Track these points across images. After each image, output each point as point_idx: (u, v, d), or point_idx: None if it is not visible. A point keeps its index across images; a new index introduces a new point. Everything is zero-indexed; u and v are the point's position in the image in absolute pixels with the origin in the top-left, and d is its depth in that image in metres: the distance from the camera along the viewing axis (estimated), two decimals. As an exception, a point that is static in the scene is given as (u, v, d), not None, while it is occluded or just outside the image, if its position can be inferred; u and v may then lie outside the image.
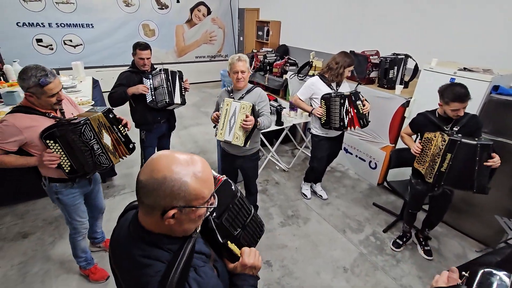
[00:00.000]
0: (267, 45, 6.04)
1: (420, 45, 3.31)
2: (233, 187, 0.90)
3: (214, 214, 0.84)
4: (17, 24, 5.21)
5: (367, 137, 3.29)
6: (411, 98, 2.81)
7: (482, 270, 0.71)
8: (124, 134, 1.79)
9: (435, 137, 1.93)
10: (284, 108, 3.49)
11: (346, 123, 2.49)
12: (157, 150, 2.98)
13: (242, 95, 2.16)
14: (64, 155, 1.54)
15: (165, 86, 2.45)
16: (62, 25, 5.61)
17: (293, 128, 3.94)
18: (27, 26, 5.31)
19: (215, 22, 7.29)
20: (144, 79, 2.45)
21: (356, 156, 3.52)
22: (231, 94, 2.18)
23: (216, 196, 0.75)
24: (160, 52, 6.76)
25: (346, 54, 2.49)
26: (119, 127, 1.76)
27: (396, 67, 2.98)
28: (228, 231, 0.87)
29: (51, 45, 5.65)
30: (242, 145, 1.99)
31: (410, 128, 2.24)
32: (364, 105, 2.51)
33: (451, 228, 2.73)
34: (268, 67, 4.62)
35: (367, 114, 2.55)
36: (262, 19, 6.32)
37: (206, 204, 0.70)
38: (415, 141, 2.23)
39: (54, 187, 1.67)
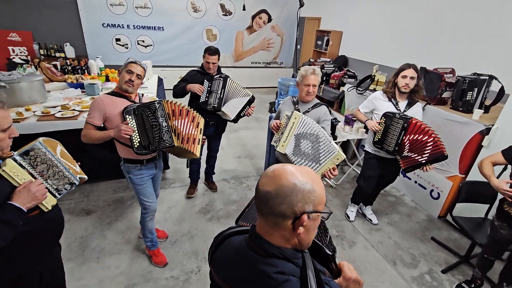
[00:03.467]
0: (325, 55, 5.90)
1: (509, 66, 2.89)
2: (331, 212, 0.87)
3: None
4: (102, 24, 5.94)
5: (431, 163, 2.96)
6: (492, 125, 2.46)
7: None
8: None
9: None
10: (339, 122, 3.34)
11: (404, 152, 2.24)
12: (207, 149, 3.09)
13: (308, 109, 2.11)
14: (136, 131, 1.75)
15: (218, 92, 2.54)
16: (138, 27, 6.24)
17: (345, 143, 3.75)
18: (110, 27, 6.02)
19: (274, 29, 7.40)
20: (205, 80, 2.58)
21: (416, 182, 3.20)
22: (297, 105, 2.14)
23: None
24: (219, 56, 7.08)
25: (406, 63, 2.32)
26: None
27: (476, 89, 2.64)
28: (324, 251, 0.85)
29: (127, 44, 6.31)
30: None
31: (503, 156, 1.84)
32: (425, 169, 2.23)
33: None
34: (324, 77, 4.50)
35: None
36: (323, 28, 6.21)
37: (326, 209, 0.72)
38: (500, 174, 1.91)
39: (127, 167, 1.92)
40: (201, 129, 1.97)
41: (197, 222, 2.72)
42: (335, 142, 3.21)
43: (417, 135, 2.18)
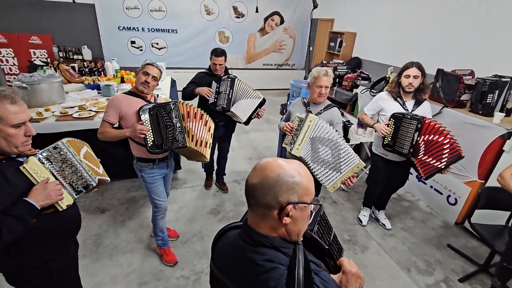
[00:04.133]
0: (338, 56, 5.84)
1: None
2: (321, 204, 0.88)
3: (308, 224, 0.83)
4: (118, 27, 6.10)
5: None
6: (514, 129, 2.36)
7: None
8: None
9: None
10: (352, 124, 3.29)
11: (420, 154, 2.18)
12: (218, 150, 3.12)
13: (321, 110, 2.09)
14: (150, 130, 1.79)
15: (227, 92, 2.55)
16: (152, 30, 6.36)
17: (358, 146, 3.69)
18: (125, 30, 6.17)
19: (286, 31, 7.39)
20: (213, 82, 2.61)
21: (431, 187, 3.10)
22: (308, 107, 2.12)
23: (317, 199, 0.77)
24: (231, 58, 7.09)
25: (410, 62, 2.27)
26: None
27: (497, 91, 2.54)
28: (321, 245, 0.85)
29: (141, 46, 6.45)
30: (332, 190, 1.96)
31: None
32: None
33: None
34: (337, 79, 4.45)
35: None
36: (336, 29, 6.15)
37: (314, 201, 0.74)
38: None
39: (139, 165, 1.96)
40: (211, 133, 2.01)
41: (208, 222, 2.74)
42: (349, 145, 3.19)
43: (432, 136, 2.12)
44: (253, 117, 2.69)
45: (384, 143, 2.35)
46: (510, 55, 2.98)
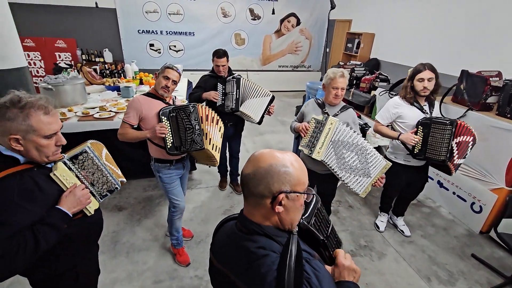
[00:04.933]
0: (356, 58, 5.73)
1: None
2: (314, 193, 0.89)
3: (305, 216, 0.84)
4: (138, 31, 6.28)
5: (474, 174, 2.74)
6: (546, 133, 2.21)
7: None
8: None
9: None
10: (370, 127, 3.21)
11: (455, 157, 2.08)
12: (229, 151, 3.13)
13: (337, 112, 2.06)
14: (170, 132, 1.82)
15: (234, 93, 2.55)
16: (170, 32, 6.50)
17: (376, 149, 3.58)
18: (145, 33, 6.34)
19: (302, 33, 7.33)
20: (218, 84, 2.61)
21: (454, 193, 2.97)
22: (324, 109, 2.09)
23: (311, 189, 0.79)
24: (246, 60, 7.17)
25: (420, 64, 2.18)
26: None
27: (527, 93, 2.40)
28: (316, 236, 0.86)
29: (160, 49, 6.60)
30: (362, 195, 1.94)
31: None
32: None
33: None
34: (355, 81, 4.36)
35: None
36: (354, 30, 6.04)
37: (307, 191, 0.75)
38: None
39: (156, 166, 2.00)
40: (222, 137, 2.03)
41: (222, 223, 2.74)
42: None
43: (463, 137, 2.05)
44: (264, 115, 2.67)
45: (414, 152, 2.24)
46: (542, 55, 2.81)
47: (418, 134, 2.19)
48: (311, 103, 2.19)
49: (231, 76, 2.63)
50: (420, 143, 2.19)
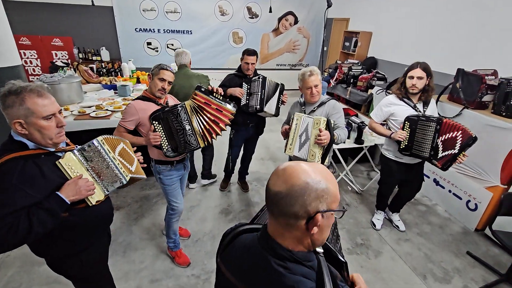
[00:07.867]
0: (353, 56, 5.73)
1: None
2: (346, 210, 0.85)
3: None
4: (135, 29, 6.24)
5: (469, 172, 2.75)
6: (541, 132, 2.23)
7: None
8: (219, 98, 1.95)
9: None
10: (366, 125, 3.21)
11: (439, 154, 2.10)
12: (243, 152, 3.13)
13: (314, 108, 2.08)
14: (164, 136, 1.81)
15: (259, 93, 2.54)
16: (168, 31, 6.46)
17: (373, 147, 3.59)
18: (142, 31, 6.31)
19: (300, 31, 7.32)
20: (244, 83, 2.59)
21: (450, 191, 2.98)
22: (303, 107, 2.12)
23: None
24: (244, 58, 7.14)
25: (416, 62, 2.21)
26: (214, 94, 1.94)
27: (522, 92, 2.41)
28: (339, 259, 0.82)
29: (157, 48, 6.57)
30: (319, 163, 1.89)
31: None
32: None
33: None
34: (352, 80, 4.37)
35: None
36: (351, 29, 6.04)
37: (340, 207, 0.71)
38: None
39: (157, 167, 1.98)
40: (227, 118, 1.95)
41: (219, 222, 2.75)
42: (363, 146, 3.13)
43: (449, 134, 2.06)
44: (279, 106, 2.67)
45: (401, 147, 2.27)
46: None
47: (405, 129, 2.23)
48: (294, 104, 2.24)
49: (256, 76, 2.61)
50: (407, 139, 2.22)
